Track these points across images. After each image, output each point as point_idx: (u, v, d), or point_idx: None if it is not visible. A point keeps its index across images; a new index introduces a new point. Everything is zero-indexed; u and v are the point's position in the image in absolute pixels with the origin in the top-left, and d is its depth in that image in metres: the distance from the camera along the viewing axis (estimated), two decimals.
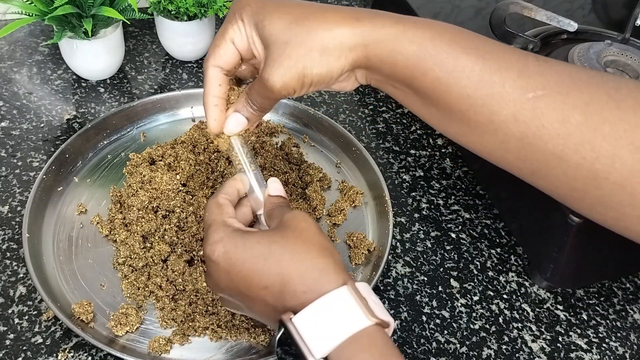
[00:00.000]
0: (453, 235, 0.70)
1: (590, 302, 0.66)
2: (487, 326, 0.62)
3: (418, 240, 0.69)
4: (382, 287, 0.64)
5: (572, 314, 0.65)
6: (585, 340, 0.63)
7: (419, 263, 0.67)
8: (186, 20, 0.82)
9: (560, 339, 0.62)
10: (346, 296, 0.42)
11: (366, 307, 0.42)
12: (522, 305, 0.65)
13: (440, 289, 0.65)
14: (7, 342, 0.56)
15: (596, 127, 0.41)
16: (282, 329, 0.43)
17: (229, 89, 0.52)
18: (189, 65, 0.87)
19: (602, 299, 0.66)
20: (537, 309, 0.65)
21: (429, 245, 0.69)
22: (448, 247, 0.69)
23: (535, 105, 0.42)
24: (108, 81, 0.83)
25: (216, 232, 0.48)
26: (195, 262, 0.61)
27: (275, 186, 0.53)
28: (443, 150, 0.80)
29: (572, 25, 0.69)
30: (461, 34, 0.45)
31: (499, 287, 0.66)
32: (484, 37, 0.46)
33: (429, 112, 0.47)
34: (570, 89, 0.42)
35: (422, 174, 0.77)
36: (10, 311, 0.58)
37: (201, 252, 0.61)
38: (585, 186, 0.42)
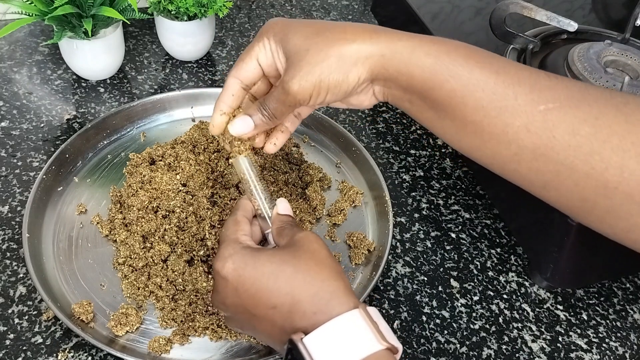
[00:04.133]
0: (453, 235, 0.70)
1: (590, 302, 0.66)
2: (487, 326, 0.62)
3: (418, 240, 0.69)
4: (382, 287, 0.64)
5: (572, 314, 0.65)
6: (585, 340, 0.63)
7: (419, 263, 0.67)
8: (186, 20, 0.82)
9: (560, 339, 0.62)
10: (358, 319, 0.43)
11: (377, 331, 0.43)
12: (522, 305, 0.65)
13: (440, 289, 0.65)
14: (7, 342, 0.56)
15: (605, 139, 0.42)
16: (289, 350, 0.43)
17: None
18: (189, 65, 0.87)
19: (602, 299, 0.66)
20: (537, 309, 0.65)
21: (429, 245, 0.69)
22: (448, 247, 0.69)
23: (547, 118, 0.43)
24: (108, 81, 0.83)
25: (227, 248, 0.49)
26: (195, 262, 0.61)
27: (284, 205, 0.54)
28: (443, 150, 0.80)
29: (572, 25, 0.69)
30: (475, 51, 0.47)
31: (499, 287, 0.66)
32: (497, 55, 0.48)
33: (444, 125, 0.49)
34: (580, 103, 0.43)
35: (422, 174, 0.77)
36: (10, 311, 0.58)
37: (201, 252, 0.61)
38: (596, 196, 0.43)
